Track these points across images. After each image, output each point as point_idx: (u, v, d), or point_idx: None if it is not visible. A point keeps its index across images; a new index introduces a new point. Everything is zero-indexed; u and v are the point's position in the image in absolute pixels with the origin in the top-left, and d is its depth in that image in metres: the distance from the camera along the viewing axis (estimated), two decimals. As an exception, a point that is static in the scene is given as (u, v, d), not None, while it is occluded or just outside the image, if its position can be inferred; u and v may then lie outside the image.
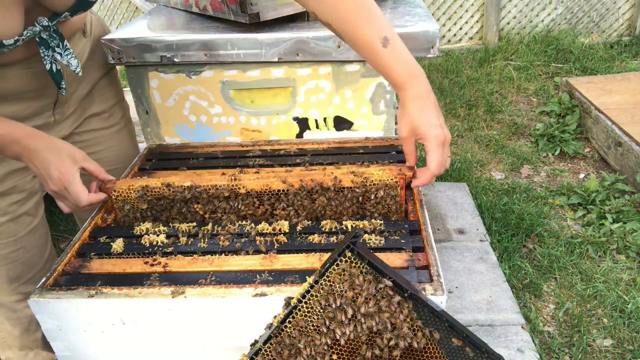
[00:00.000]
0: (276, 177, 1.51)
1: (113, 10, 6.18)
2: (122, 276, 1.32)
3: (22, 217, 1.63)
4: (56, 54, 1.49)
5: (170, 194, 1.51)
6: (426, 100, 1.35)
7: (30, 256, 1.68)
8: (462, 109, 4.53)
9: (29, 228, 1.66)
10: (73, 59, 1.54)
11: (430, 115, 1.34)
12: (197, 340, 1.28)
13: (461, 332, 1.08)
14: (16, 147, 1.36)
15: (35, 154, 1.36)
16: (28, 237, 1.66)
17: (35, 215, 1.69)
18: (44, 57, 1.46)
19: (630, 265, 2.77)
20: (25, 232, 1.65)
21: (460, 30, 5.81)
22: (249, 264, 1.33)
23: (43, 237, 1.74)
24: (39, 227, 1.71)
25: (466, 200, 3.22)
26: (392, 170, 1.49)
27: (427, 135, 1.34)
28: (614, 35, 5.78)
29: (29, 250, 1.67)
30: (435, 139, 1.33)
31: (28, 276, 1.70)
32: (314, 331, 1.09)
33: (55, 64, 1.50)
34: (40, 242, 1.72)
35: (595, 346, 2.34)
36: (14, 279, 1.68)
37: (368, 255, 1.09)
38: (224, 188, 1.50)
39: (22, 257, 1.66)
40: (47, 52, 1.46)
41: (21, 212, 1.63)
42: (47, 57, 1.47)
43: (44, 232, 1.75)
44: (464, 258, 2.72)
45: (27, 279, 1.70)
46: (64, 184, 1.38)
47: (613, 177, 3.37)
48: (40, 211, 1.73)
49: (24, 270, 1.68)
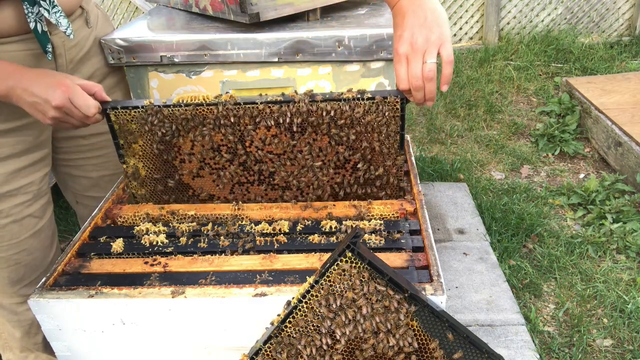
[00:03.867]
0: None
1: (113, 10, 6.17)
2: (122, 276, 1.32)
3: (26, 219, 1.61)
4: (42, 9, 1.42)
5: (171, 112, 1.51)
6: (410, 14, 1.28)
7: (32, 258, 1.67)
8: (462, 109, 4.53)
9: (33, 230, 1.64)
10: (63, 19, 1.48)
11: (406, 29, 1.27)
12: (197, 340, 1.28)
13: (461, 332, 1.08)
14: (11, 81, 1.33)
15: (32, 81, 1.34)
16: (31, 240, 1.64)
17: (42, 217, 1.67)
18: (27, 14, 1.40)
19: (630, 265, 2.77)
20: (29, 234, 1.63)
21: (460, 30, 5.81)
22: (249, 264, 1.33)
23: (48, 239, 1.72)
24: (44, 229, 1.68)
25: (466, 200, 3.22)
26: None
27: (394, 51, 1.31)
28: (614, 35, 5.78)
29: (31, 252, 1.66)
30: (396, 56, 1.29)
31: (31, 278, 1.69)
32: (314, 331, 1.09)
33: (42, 23, 1.45)
34: (44, 245, 1.70)
35: (595, 346, 2.34)
36: (16, 281, 1.66)
37: (368, 255, 1.09)
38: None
39: (24, 260, 1.65)
40: (32, 8, 1.40)
41: (26, 214, 1.61)
42: (31, 15, 1.41)
43: (50, 234, 1.73)
44: (464, 258, 2.72)
45: (29, 281, 1.69)
46: (69, 96, 1.36)
47: (613, 177, 3.37)
48: (48, 213, 1.71)
49: (26, 273, 1.67)
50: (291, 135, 1.51)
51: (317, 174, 1.56)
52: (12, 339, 1.77)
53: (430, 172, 3.62)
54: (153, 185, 1.64)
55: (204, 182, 1.62)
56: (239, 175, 1.59)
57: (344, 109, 1.46)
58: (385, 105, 1.45)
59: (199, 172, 1.60)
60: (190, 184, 1.63)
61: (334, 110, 1.46)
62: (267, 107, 1.47)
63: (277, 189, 1.61)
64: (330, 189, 1.60)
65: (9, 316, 1.73)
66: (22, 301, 1.70)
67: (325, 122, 1.48)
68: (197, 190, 1.63)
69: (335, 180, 1.58)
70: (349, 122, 1.48)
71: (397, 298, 1.08)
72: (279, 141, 1.52)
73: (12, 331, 1.76)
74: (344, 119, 1.47)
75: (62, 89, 1.35)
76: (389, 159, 1.54)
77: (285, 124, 1.48)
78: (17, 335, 1.76)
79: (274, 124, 1.49)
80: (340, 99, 1.45)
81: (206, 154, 1.56)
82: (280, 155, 1.55)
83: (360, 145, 1.52)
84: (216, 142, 1.54)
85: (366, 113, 1.46)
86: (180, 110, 1.49)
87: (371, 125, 1.48)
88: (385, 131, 1.49)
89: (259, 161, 1.56)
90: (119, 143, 1.58)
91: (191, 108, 1.49)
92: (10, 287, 1.66)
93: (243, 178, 1.59)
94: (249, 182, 1.61)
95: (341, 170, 1.57)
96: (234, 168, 1.57)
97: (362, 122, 1.48)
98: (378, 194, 1.59)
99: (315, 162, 1.55)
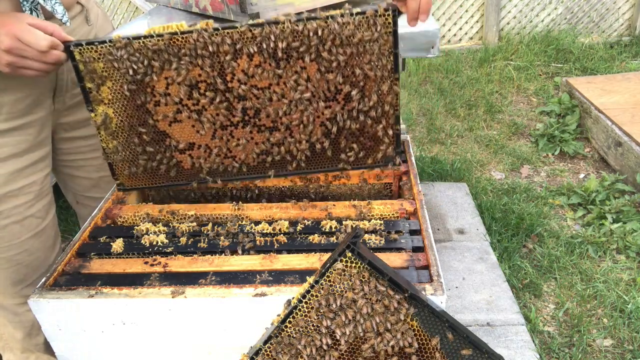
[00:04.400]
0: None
1: (113, 10, 6.17)
2: (122, 276, 1.32)
3: (28, 219, 1.60)
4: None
5: (142, 45, 1.38)
6: None
7: (34, 259, 1.66)
8: (462, 109, 4.53)
9: (35, 231, 1.63)
10: (59, 6, 1.44)
11: None
12: (197, 340, 1.28)
13: (461, 332, 1.08)
14: None
15: None
16: (33, 240, 1.63)
17: (44, 218, 1.65)
18: (22, 2, 1.36)
19: (630, 265, 2.77)
20: (30, 235, 1.62)
21: (460, 30, 5.81)
22: (249, 264, 1.33)
23: (50, 240, 1.70)
24: (46, 229, 1.67)
25: (466, 200, 3.22)
26: None
27: None
28: (614, 35, 5.78)
29: (32, 253, 1.65)
30: None
31: (32, 279, 1.68)
32: (314, 331, 1.09)
33: (37, 11, 1.41)
34: (46, 245, 1.69)
35: (595, 346, 2.34)
36: (18, 281, 1.65)
37: (368, 255, 1.09)
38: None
39: (26, 260, 1.64)
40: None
41: (27, 214, 1.60)
42: (26, 3, 1.37)
43: (52, 235, 1.71)
44: (464, 258, 2.72)
45: (31, 281, 1.68)
46: (16, 34, 1.26)
47: (613, 177, 3.37)
48: (51, 213, 1.70)
49: (28, 273, 1.66)
50: (276, 63, 1.39)
51: (307, 108, 1.44)
52: (13, 340, 1.77)
53: (430, 172, 3.62)
54: (125, 136, 1.50)
55: (182, 128, 1.49)
56: (221, 116, 1.45)
57: (333, 28, 1.34)
58: (377, 19, 1.35)
59: (177, 117, 1.47)
60: (167, 131, 1.50)
61: (321, 29, 1.34)
62: (249, 30, 1.36)
63: (264, 131, 1.49)
64: (321, 128, 1.49)
65: (10, 317, 1.72)
66: (24, 302, 1.69)
67: (312, 44, 1.36)
68: (175, 139, 1.51)
69: (326, 116, 1.47)
70: (339, 43, 1.36)
71: (397, 298, 1.08)
72: (263, 72, 1.39)
73: (13, 332, 1.75)
74: (332, 39, 1.35)
75: (6, 29, 1.25)
76: (383, 84, 1.43)
77: (269, 49, 1.36)
78: (18, 336, 1.76)
79: (256, 51, 1.37)
80: (328, 16, 1.34)
81: (183, 94, 1.43)
82: (266, 90, 1.43)
83: (351, 71, 1.41)
84: (194, 79, 1.41)
85: (356, 29, 1.35)
86: (153, 41, 1.36)
87: (362, 45, 1.37)
88: (378, 50, 1.38)
89: (242, 98, 1.44)
90: (85, 87, 1.43)
91: (165, 38, 1.36)
92: (12, 287, 1.65)
93: (226, 120, 1.46)
94: (233, 125, 1.48)
95: (332, 103, 1.45)
96: (215, 108, 1.44)
97: (352, 42, 1.37)
98: (374, 128, 1.48)
99: (304, 94, 1.43)
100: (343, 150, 1.53)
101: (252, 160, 1.55)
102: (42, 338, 1.80)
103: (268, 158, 1.54)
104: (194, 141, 1.51)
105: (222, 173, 1.56)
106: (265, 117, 1.46)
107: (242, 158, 1.54)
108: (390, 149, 1.53)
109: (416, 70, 5.27)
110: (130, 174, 1.57)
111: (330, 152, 1.53)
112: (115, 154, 1.52)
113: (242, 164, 1.55)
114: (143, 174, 1.58)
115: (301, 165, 1.54)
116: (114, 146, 1.51)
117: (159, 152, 1.53)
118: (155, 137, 1.51)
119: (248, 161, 1.55)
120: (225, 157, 1.54)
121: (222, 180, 1.57)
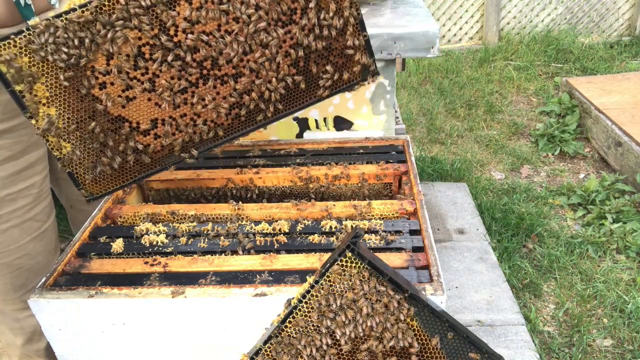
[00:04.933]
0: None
1: None
2: (122, 276, 1.32)
3: (27, 222, 1.58)
4: None
5: (66, 22, 1.23)
6: None
7: (35, 262, 1.63)
8: (462, 109, 4.53)
9: (35, 234, 1.61)
10: None
11: None
12: (197, 340, 1.28)
13: (461, 332, 1.08)
14: None
15: None
16: (33, 244, 1.61)
17: (45, 221, 1.63)
18: None
19: (630, 265, 2.77)
20: (30, 238, 1.60)
21: (460, 30, 5.81)
22: (249, 264, 1.32)
23: (52, 243, 1.68)
24: (47, 232, 1.65)
25: (466, 200, 3.22)
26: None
27: None
28: (614, 35, 5.78)
29: (34, 257, 1.63)
30: None
31: (34, 283, 1.66)
32: (314, 331, 1.09)
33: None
34: (48, 248, 1.66)
35: (595, 346, 2.34)
36: (19, 286, 1.63)
37: (368, 255, 1.09)
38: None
39: (27, 264, 1.62)
40: None
41: (27, 217, 1.58)
42: None
43: (53, 238, 1.69)
44: (464, 258, 2.72)
45: (32, 286, 1.66)
46: None
47: (613, 177, 3.37)
48: (51, 217, 1.68)
49: (29, 277, 1.64)
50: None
51: (267, 40, 1.31)
52: (11, 346, 1.74)
53: (430, 172, 3.62)
54: (78, 135, 1.33)
55: (138, 107, 1.34)
56: (177, 78, 1.30)
57: None
58: None
59: (128, 95, 1.32)
60: (123, 115, 1.34)
61: None
62: None
63: (228, 81, 1.34)
64: (287, 59, 1.35)
65: (11, 323, 1.69)
66: (24, 307, 1.67)
67: None
68: (135, 121, 1.35)
69: (288, 43, 1.34)
70: None
71: (397, 298, 1.08)
72: (207, 12, 1.26)
73: (12, 339, 1.72)
74: None
75: None
76: None
77: None
78: (18, 343, 1.73)
79: None
80: None
81: (128, 65, 1.28)
82: (216, 32, 1.30)
83: None
84: (135, 45, 1.26)
85: None
86: (77, 14, 1.21)
87: None
88: None
89: (193, 50, 1.29)
90: (15, 91, 1.24)
91: (91, 7, 1.21)
92: (13, 293, 1.63)
93: (183, 81, 1.31)
94: (192, 84, 1.33)
95: (291, 26, 1.32)
96: (168, 70, 1.29)
97: None
98: (341, 41, 1.34)
99: (259, 25, 1.29)
100: (317, 76, 1.41)
101: (224, 119, 1.39)
102: (44, 344, 1.77)
103: (241, 111, 1.38)
104: (156, 117, 1.34)
105: (197, 144, 1.41)
106: (225, 64, 1.31)
107: (214, 119, 1.38)
108: (364, 57, 1.40)
109: (416, 70, 5.27)
110: (96, 179, 1.40)
111: (304, 84, 1.40)
112: (72, 160, 1.34)
113: (216, 127, 1.39)
114: (112, 174, 1.41)
115: (279, 108, 1.41)
116: (68, 151, 1.33)
117: (121, 142, 1.35)
118: (112, 125, 1.33)
119: (221, 121, 1.39)
120: (194, 125, 1.38)
121: (200, 152, 1.43)
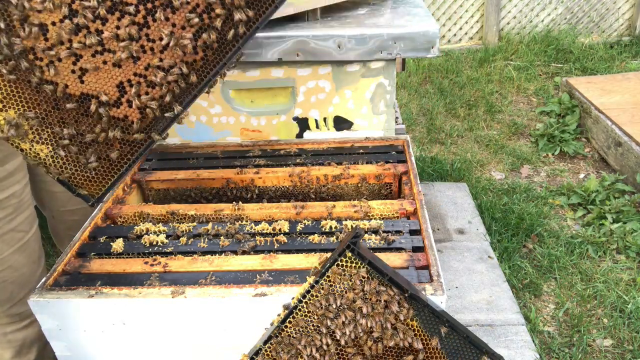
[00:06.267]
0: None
1: None
2: (122, 276, 1.32)
3: (9, 234, 1.54)
4: None
5: None
6: None
7: (19, 275, 1.60)
8: (462, 109, 4.53)
9: (17, 245, 1.57)
10: None
11: None
12: (197, 340, 1.28)
13: (461, 332, 1.08)
14: None
15: None
16: (16, 256, 1.57)
17: (27, 231, 1.60)
18: None
19: (630, 265, 2.77)
20: (13, 250, 1.56)
21: (460, 30, 5.80)
22: (249, 264, 1.33)
23: (35, 254, 1.65)
24: (30, 243, 1.62)
25: (466, 200, 3.22)
26: None
27: None
28: (614, 35, 5.78)
29: (17, 269, 1.59)
30: None
31: (19, 296, 1.62)
32: (314, 331, 1.09)
33: None
34: (31, 259, 1.63)
35: (595, 346, 2.34)
36: (4, 300, 1.59)
37: (368, 255, 1.09)
38: None
39: (10, 277, 1.58)
40: None
41: (8, 228, 1.54)
42: None
43: (37, 248, 1.66)
44: (464, 258, 2.72)
45: (18, 299, 1.62)
46: None
47: (613, 177, 3.37)
48: (34, 226, 1.65)
49: (14, 291, 1.60)
50: None
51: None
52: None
53: (430, 172, 3.62)
54: (48, 132, 1.20)
55: (97, 75, 1.18)
56: (125, 27, 1.14)
57: None
58: None
59: (82, 66, 1.16)
60: (84, 91, 1.19)
61: None
62: None
63: (182, 4, 1.15)
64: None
65: None
66: (12, 321, 1.63)
67: None
68: (100, 93, 1.19)
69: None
70: None
71: (397, 298, 1.08)
72: None
73: (0, 353, 1.69)
74: None
75: None
76: None
77: None
78: (6, 357, 1.70)
79: None
80: None
81: (68, 31, 1.13)
82: None
83: None
84: (66, 4, 1.11)
85: None
86: None
87: None
88: None
89: None
90: None
91: None
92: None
93: (134, 28, 1.15)
94: (142, 25, 1.15)
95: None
96: (112, 23, 1.13)
97: None
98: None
99: None
100: None
101: (193, 53, 1.20)
102: (33, 356, 1.74)
103: (210, 35, 1.18)
104: (120, 80, 1.18)
105: (178, 96, 1.23)
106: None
107: (184, 59, 1.19)
108: None
109: (416, 70, 5.27)
110: (90, 178, 1.28)
111: None
112: (56, 163, 1.21)
113: (190, 72, 1.21)
114: (104, 163, 1.26)
115: (249, 15, 1.18)
116: (46, 154, 1.21)
117: (96, 123, 1.20)
118: (78, 108, 1.19)
119: (191, 59, 1.19)
120: (167, 73, 1.20)
121: (184, 105, 1.25)
